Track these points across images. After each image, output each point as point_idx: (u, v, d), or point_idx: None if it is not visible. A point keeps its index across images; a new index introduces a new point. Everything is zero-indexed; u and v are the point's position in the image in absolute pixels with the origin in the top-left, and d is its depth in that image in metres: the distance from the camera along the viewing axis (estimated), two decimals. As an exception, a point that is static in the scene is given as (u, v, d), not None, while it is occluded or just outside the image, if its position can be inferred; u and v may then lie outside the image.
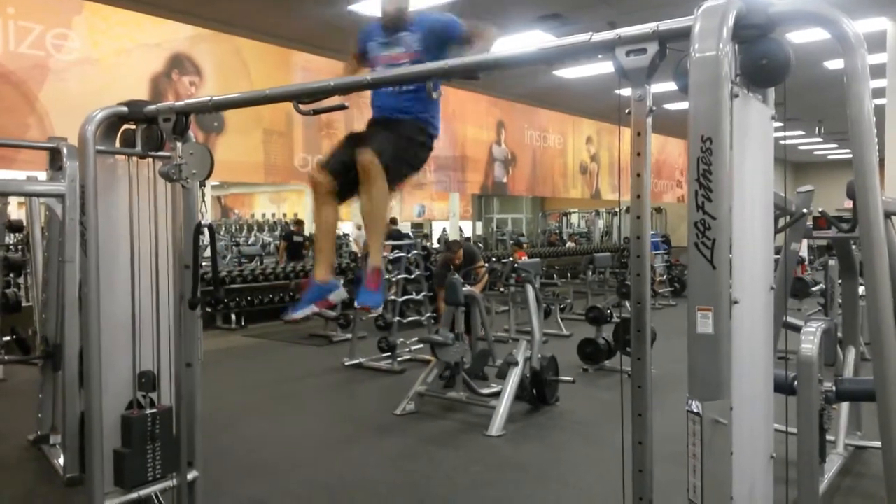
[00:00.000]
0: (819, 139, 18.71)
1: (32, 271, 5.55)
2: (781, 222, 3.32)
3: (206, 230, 2.90)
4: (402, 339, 7.24)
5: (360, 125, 3.02)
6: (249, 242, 17.88)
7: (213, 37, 8.10)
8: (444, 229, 20.83)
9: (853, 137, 1.72)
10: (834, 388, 3.01)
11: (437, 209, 23.37)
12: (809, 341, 2.90)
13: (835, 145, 20.89)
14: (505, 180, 12.88)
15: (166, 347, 3.08)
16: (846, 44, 1.67)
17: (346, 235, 18.96)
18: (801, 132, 17.76)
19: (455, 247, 7.41)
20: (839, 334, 4.40)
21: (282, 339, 8.98)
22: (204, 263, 3.19)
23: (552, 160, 14.11)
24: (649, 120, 1.90)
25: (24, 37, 6.50)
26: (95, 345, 2.81)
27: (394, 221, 13.29)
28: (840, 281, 4.66)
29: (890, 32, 8.02)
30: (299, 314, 2.78)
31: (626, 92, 1.94)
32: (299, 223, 13.26)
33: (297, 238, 12.36)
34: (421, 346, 7.02)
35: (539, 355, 5.38)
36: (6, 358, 5.82)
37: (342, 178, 2.73)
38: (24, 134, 6.51)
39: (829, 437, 3.38)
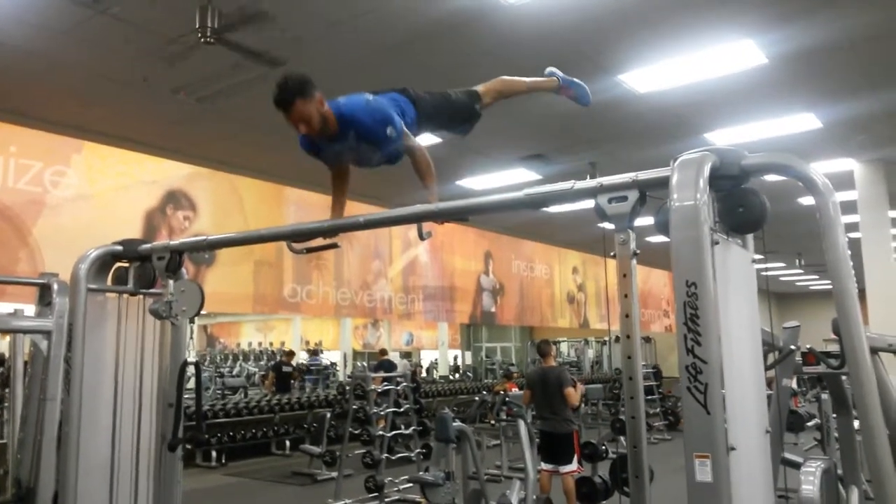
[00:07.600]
0: (800, 271, 19.11)
1: (10, 407, 5.36)
2: (770, 359, 3.33)
3: (192, 367, 2.87)
4: (390, 479, 6.96)
5: (350, 259, 3.05)
6: (234, 373, 17.54)
7: (209, 174, 8.33)
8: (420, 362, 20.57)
9: (833, 278, 1.76)
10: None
11: (426, 338, 23.27)
12: (810, 482, 2.83)
13: (815, 276, 21.29)
14: (493, 310, 12.92)
15: (144, 491, 2.95)
16: (816, 190, 1.77)
17: (333, 364, 18.68)
18: (782, 264, 18.15)
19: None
20: (839, 471, 4.28)
21: (263, 477, 8.60)
22: (186, 396, 3.12)
23: (539, 290, 14.24)
24: (634, 262, 1.94)
25: (24, 174, 6.65)
26: (72, 488, 2.70)
27: (383, 352, 13.20)
28: (835, 415, 4.60)
29: (857, 172, 8.48)
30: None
31: (609, 224, 2.00)
32: (290, 354, 13.13)
33: (286, 369, 12.19)
34: (410, 485, 6.74)
35: (534, 496, 5.18)
36: (-28, 501, 5.51)
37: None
38: (15, 267, 6.53)
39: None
